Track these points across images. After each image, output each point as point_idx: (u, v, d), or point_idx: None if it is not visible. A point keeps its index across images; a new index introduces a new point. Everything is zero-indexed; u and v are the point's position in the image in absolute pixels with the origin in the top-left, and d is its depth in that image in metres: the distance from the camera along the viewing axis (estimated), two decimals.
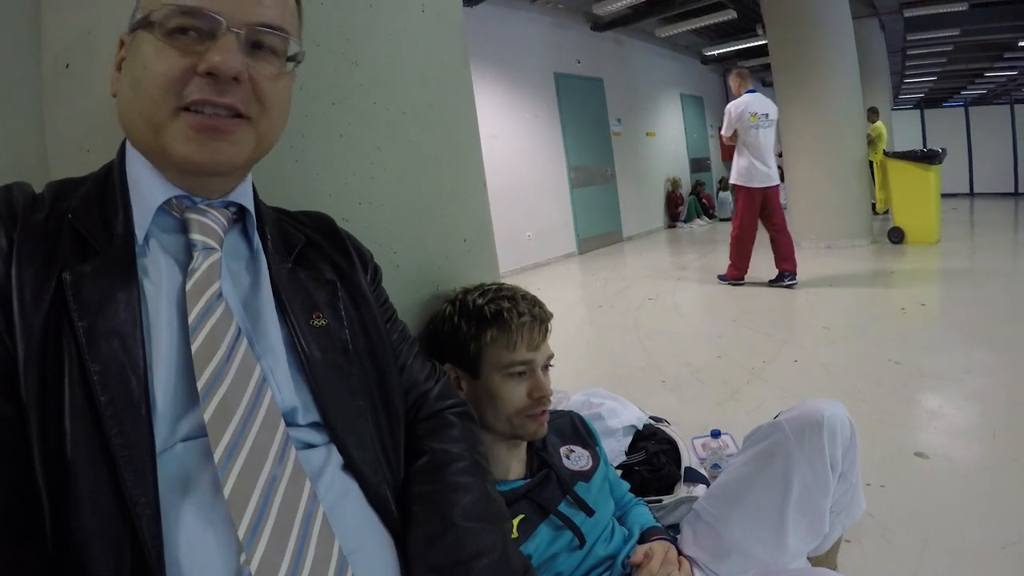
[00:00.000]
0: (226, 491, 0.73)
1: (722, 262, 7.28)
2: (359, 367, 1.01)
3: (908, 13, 12.66)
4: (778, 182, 6.41)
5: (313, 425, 0.92)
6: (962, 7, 11.75)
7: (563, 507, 1.41)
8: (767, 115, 6.26)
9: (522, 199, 10.01)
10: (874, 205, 9.14)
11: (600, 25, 12.11)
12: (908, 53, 16.86)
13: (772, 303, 5.85)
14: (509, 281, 1.55)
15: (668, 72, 14.89)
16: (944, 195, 8.35)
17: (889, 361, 3.82)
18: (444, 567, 0.89)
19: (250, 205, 1.00)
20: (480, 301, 1.45)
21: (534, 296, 1.51)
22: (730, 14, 11.81)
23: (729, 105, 6.44)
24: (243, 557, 0.71)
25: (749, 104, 6.28)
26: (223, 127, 0.87)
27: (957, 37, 14.39)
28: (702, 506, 1.55)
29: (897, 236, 8.22)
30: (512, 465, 1.47)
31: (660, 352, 4.65)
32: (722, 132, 6.60)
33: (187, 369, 0.80)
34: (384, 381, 1.05)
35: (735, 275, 6.88)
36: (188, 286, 0.83)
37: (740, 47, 14.84)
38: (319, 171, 1.39)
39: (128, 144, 0.93)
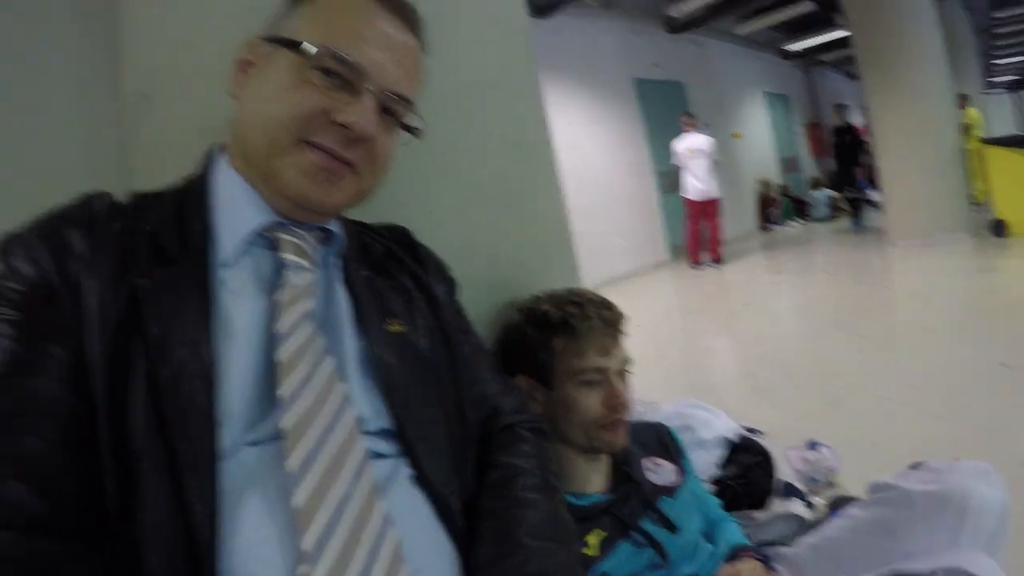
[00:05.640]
0: (296, 501, 0.72)
1: (823, 266, 8.42)
2: (433, 375, 1.01)
3: None
4: (712, 196, 9.22)
5: (382, 433, 0.91)
6: None
7: (645, 523, 1.34)
8: (701, 149, 9.04)
9: (610, 209, 9.93)
10: (973, 196, 8.70)
11: (676, 27, 11.96)
12: (995, 32, 16.24)
13: (871, 304, 5.64)
14: (601, 293, 1.49)
15: (749, 71, 14.58)
16: None
17: (997, 364, 3.57)
18: None
19: (338, 230, 1.03)
20: (547, 308, 1.40)
21: (604, 299, 1.45)
22: (808, 6, 11.59)
23: (674, 143, 9.41)
24: (303, 568, 0.70)
25: (687, 142, 9.16)
26: (338, 171, 0.91)
27: None
28: (803, 557, 1.41)
29: (999, 229, 7.63)
30: (592, 478, 1.41)
31: (755, 359, 4.54)
32: (673, 162, 9.52)
33: (266, 378, 0.81)
34: (458, 392, 1.05)
35: (694, 262, 9.73)
36: (281, 297, 0.86)
37: (821, 40, 14.51)
38: (385, 181, 1.37)
39: (221, 159, 0.97)
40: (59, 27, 1.57)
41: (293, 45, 0.88)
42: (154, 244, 0.83)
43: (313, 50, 0.87)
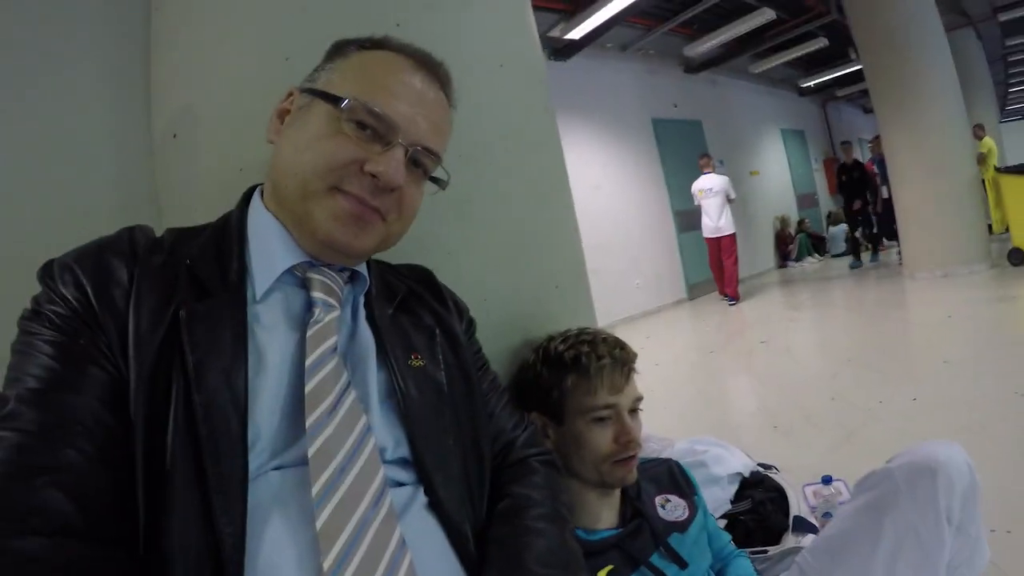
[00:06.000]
0: (318, 523, 0.77)
1: (841, 301, 8.38)
2: (452, 408, 1.05)
3: (1003, 17, 12.29)
4: (724, 233, 9.29)
5: (401, 461, 0.96)
6: None
7: (655, 559, 1.37)
8: (711, 189, 9.27)
9: (628, 248, 10.00)
10: (990, 226, 8.60)
11: (693, 67, 12.10)
12: (1009, 60, 16.33)
13: (889, 340, 5.60)
14: (619, 331, 1.54)
15: (766, 108, 14.66)
16: None
17: (1015, 394, 3.56)
18: None
19: (364, 272, 1.09)
20: (560, 347, 1.46)
21: (616, 338, 1.49)
22: (821, 42, 11.71)
23: (694, 184, 9.59)
24: None
25: (698, 183, 9.46)
26: (367, 217, 0.97)
27: None
28: (805, 559, 1.46)
29: (1018, 258, 7.60)
30: (603, 514, 1.44)
31: (772, 396, 4.52)
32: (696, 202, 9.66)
33: (293, 407, 0.87)
34: (474, 425, 1.10)
35: (720, 293, 10.00)
36: (309, 333, 0.91)
37: (836, 75, 14.62)
38: None
39: (257, 201, 1.04)
40: (96, 70, 1.65)
41: (329, 98, 0.95)
42: (193, 277, 0.89)
43: (348, 103, 0.93)
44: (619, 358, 1.42)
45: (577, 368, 1.41)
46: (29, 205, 1.54)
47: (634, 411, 1.44)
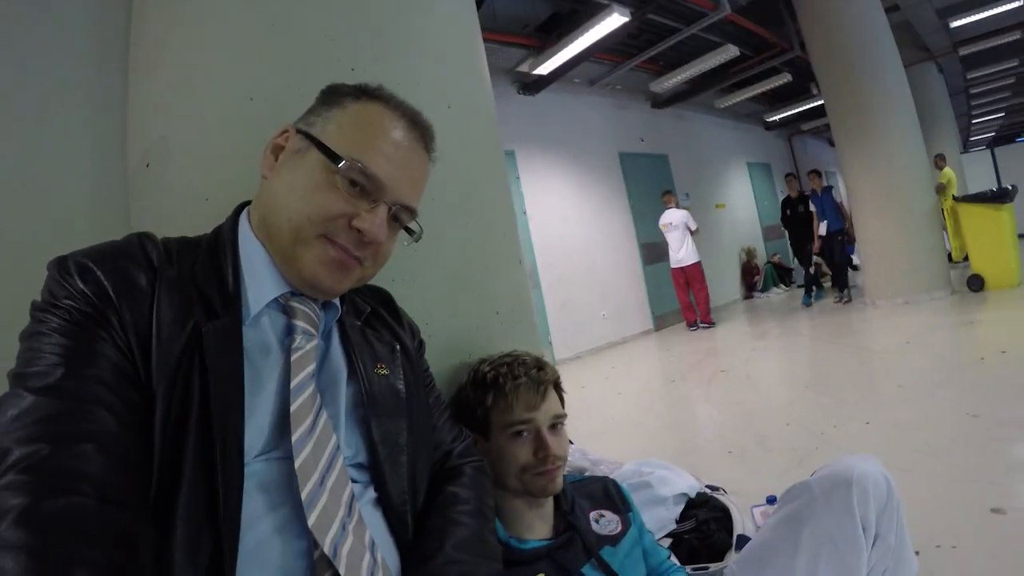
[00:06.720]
0: (311, 520, 0.90)
1: (803, 330, 8.42)
2: (407, 414, 1.18)
3: (963, 51, 12.63)
4: (686, 263, 9.90)
5: (358, 465, 1.09)
6: (1015, 36, 11.69)
7: (587, 570, 1.43)
8: (671, 223, 9.91)
9: (595, 279, 10.11)
10: (950, 254, 8.93)
11: (660, 102, 12.33)
12: (971, 92, 16.76)
13: (847, 367, 5.71)
14: (584, 362, 1.61)
15: (732, 142, 14.92)
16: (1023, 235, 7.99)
17: (966, 415, 3.66)
18: None
19: (337, 301, 1.20)
20: (485, 369, 1.55)
21: (537, 359, 1.59)
22: (785, 77, 11.93)
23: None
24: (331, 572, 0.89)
25: (662, 218, 10.11)
26: (349, 265, 1.08)
27: (1017, 67, 14.39)
28: (732, 570, 1.52)
29: (977, 284, 7.90)
30: (535, 524, 1.51)
31: (728, 423, 4.59)
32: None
33: (279, 420, 0.98)
34: (423, 430, 1.23)
35: (688, 324, 10.43)
36: (293, 358, 1.03)
37: (800, 109, 14.89)
38: None
39: (245, 225, 1.13)
40: (75, 100, 1.74)
41: (328, 153, 1.04)
42: (201, 294, 0.99)
43: (346, 165, 1.02)
44: (535, 378, 1.51)
45: (495, 387, 1.50)
46: (10, 226, 1.63)
47: (554, 427, 1.52)
